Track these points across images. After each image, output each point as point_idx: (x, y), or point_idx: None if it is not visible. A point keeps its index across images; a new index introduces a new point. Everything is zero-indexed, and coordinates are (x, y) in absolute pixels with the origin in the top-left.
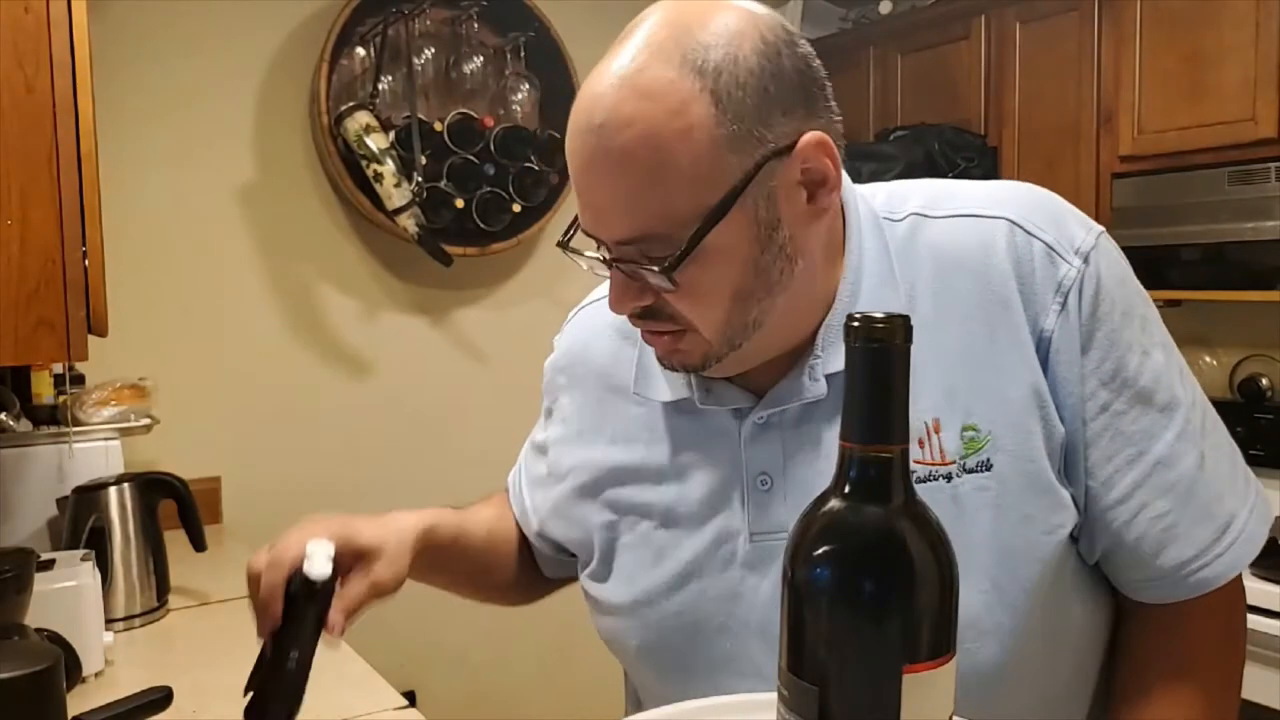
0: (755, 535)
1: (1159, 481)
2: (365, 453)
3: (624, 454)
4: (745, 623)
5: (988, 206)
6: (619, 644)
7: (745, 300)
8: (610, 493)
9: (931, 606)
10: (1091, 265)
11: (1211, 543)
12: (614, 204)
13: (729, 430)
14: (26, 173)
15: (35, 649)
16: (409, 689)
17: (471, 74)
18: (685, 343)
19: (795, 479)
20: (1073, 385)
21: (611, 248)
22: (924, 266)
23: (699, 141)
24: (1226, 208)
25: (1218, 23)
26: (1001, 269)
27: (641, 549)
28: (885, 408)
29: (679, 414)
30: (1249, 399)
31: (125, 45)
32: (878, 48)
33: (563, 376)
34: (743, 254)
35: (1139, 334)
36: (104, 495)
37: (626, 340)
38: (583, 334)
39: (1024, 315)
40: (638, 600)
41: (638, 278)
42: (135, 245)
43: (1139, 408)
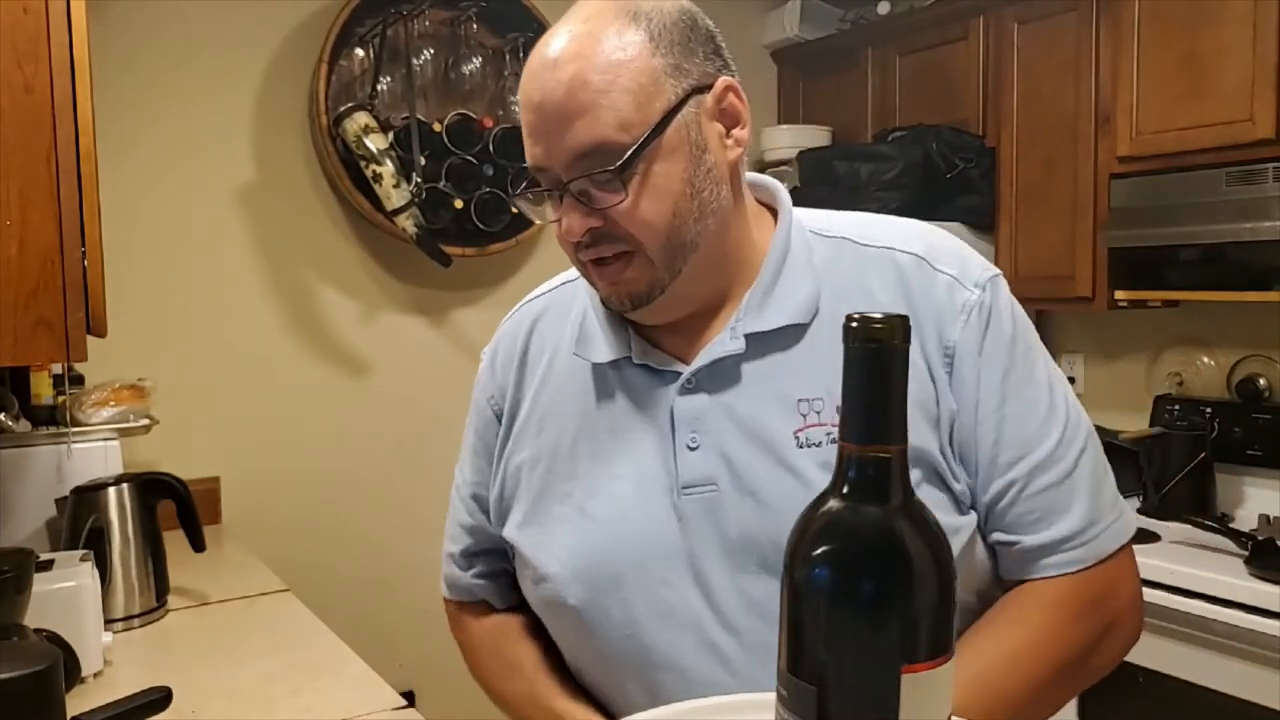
0: (685, 488)
1: (1032, 484)
2: (364, 453)
3: (564, 420)
4: (682, 574)
5: (905, 244)
6: (558, 604)
7: (684, 218)
8: (550, 456)
9: (930, 606)
10: (988, 293)
11: (1068, 536)
12: (569, 121)
13: (660, 394)
14: (26, 173)
15: (34, 649)
16: (409, 689)
17: (470, 75)
18: (633, 269)
19: (720, 438)
20: (970, 387)
21: (564, 173)
22: (844, 277)
23: (639, 64)
24: (1225, 208)
25: (1216, 23)
26: (915, 293)
27: (578, 506)
28: (883, 408)
29: (615, 375)
30: (1247, 399)
31: (125, 45)
32: (876, 48)
33: (511, 370)
34: (679, 170)
35: (1025, 356)
36: (103, 496)
37: (568, 317)
38: (522, 320)
39: (932, 329)
40: (576, 556)
41: (588, 201)
42: (134, 246)
43: (1021, 418)
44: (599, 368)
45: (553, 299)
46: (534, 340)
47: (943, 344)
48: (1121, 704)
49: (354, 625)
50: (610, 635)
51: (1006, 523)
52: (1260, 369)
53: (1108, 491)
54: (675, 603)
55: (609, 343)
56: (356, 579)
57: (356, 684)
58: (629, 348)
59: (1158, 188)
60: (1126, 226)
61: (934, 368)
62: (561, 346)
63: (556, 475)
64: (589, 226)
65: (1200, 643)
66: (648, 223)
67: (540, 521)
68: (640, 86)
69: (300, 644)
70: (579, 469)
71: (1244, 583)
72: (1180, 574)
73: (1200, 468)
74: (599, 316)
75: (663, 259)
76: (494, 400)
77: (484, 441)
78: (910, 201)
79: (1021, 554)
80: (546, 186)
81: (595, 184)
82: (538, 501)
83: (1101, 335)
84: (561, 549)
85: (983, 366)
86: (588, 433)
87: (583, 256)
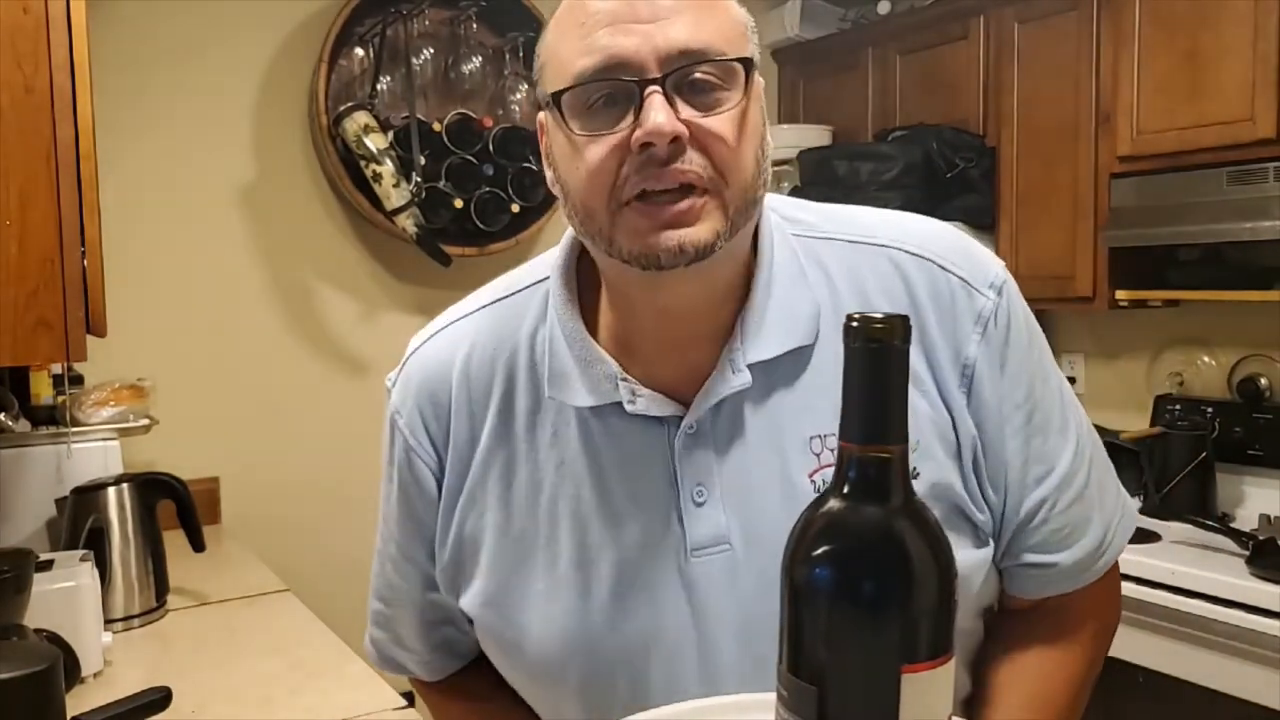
0: (695, 550)
1: (1061, 500)
2: (364, 453)
3: (537, 473)
4: (689, 652)
5: (904, 242)
6: (555, 687)
7: (758, 172)
8: (522, 517)
9: (930, 607)
10: (1004, 297)
11: (1097, 546)
12: (681, 12)
13: (658, 442)
14: (25, 173)
15: (34, 649)
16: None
17: (470, 74)
18: (703, 207)
19: (730, 486)
20: (993, 407)
21: (660, 66)
22: (844, 283)
23: (737, 9)
24: (1225, 208)
25: (1217, 23)
26: (922, 302)
27: (565, 578)
28: (884, 408)
29: (597, 421)
30: (1247, 399)
31: (124, 45)
32: (876, 48)
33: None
34: (758, 123)
35: (1039, 362)
36: (103, 496)
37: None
38: (449, 352)
39: (946, 344)
40: (572, 640)
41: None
42: (134, 245)
43: (1045, 429)
44: (578, 412)
45: (481, 323)
46: (471, 376)
47: (960, 360)
48: (1121, 704)
49: (354, 625)
50: (612, 710)
51: (1037, 542)
52: (1261, 369)
53: (1111, 487)
54: (686, 675)
55: (589, 382)
56: (356, 578)
57: (356, 684)
58: (615, 390)
59: (1158, 187)
60: (1127, 226)
61: (947, 389)
62: (518, 381)
63: (533, 539)
64: (678, 131)
65: (1201, 643)
66: (740, 151)
67: (518, 597)
68: (741, 24)
69: (300, 644)
70: (561, 532)
71: (1245, 583)
72: (1181, 574)
73: (1201, 467)
74: (572, 349)
75: (735, 208)
76: (422, 453)
77: (412, 507)
78: (911, 201)
79: (1059, 573)
80: (625, 86)
81: (704, 87)
82: (512, 572)
83: (1102, 335)
84: (553, 628)
85: (1005, 384)
86: (570, 489)
87: (645, 178)
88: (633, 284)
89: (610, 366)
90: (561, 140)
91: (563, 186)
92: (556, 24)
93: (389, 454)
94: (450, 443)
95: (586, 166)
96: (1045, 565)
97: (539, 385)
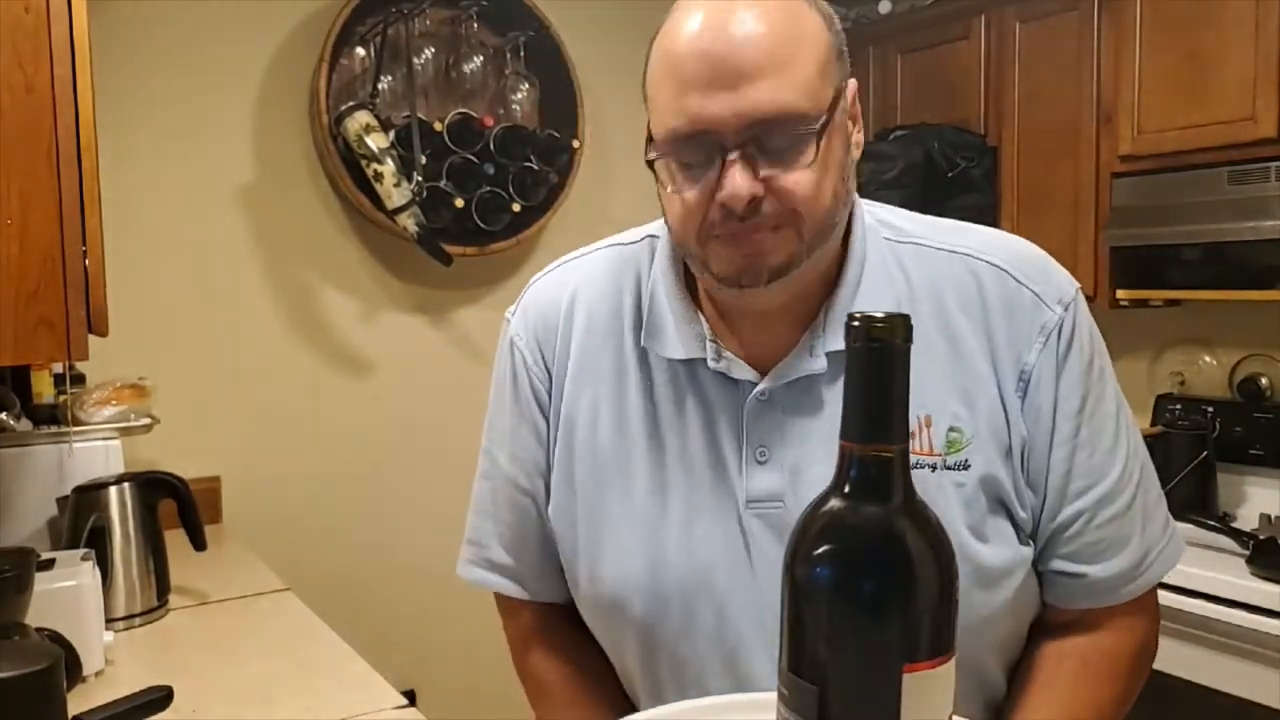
0: (751, 503)
1: (1099, 515)
2: (365, 452)
3: (623, 413)
4: (746, 592)
5: (985, 253)
6: (619, 616)
7: (839, 199)
8: (609, 450)
9: (931, 606)
10: (1070, 313)
11: (1133, 566)
12: (755, 79)
13: (732, 401)
14: (26, 172)
15: (35, 648)
16: (409, 689)
17: (471, 74)
18: (779, 240)
19: (790, 454)
20: (1045, 414)
21: (735, 135)
22: (921, 284)
23: (823, 40)
24: (1226, 207)
25: (1218, 22)
26: (993, 307)
27: (639, 510)
28: (885, 407)
29: (686, 375)
30: (1249, 399)
31: (125, 45)
32: (877, 47)
33: (554, 337)
34: (840, 151)
35: (1099, 381)
36: (104, 495)
37: (621, 292)
38: (560, 289)
39: (1009, 349)
40: (637, 565)
41: (769, 161)
42: (135, 245)
43: (1092, 445)
44: (670, 364)
45: (593, 266)
46: (578, 311)
47: (1019, 365)
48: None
49: (354, 625)
50: (665, 647)
51: (1071, 551)
52: (1262, 368)
53: (1160, 516)
54: (736, 619)
55: (682, 338)
56: (357, 578)
57: (357, 683)
58: (703, 348)
59: (1159, 187)
60: (1128, 226)
61: (1006, 391)
62: (622, 325)
63: (615, 473)
64: (754, 193)
65: (1201, 642)
66: (817, 195)
67: (598, 522)
68: (823, 61)
69: (300, 643)
70: (639, 469)
71: (1245, 582)
72: (1181, 573)
73: (1202, 467)
74: (670, 306)
75: (812, 235)
76: (538, 371)
77: (529, 420)
78: (911, 201)
79: (1087, 586)
80: (705, 147)
81: (782, 144)
82: (595, 498)
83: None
84: (623, 554)
85: (1060, 393)
86: (651, 425)
87: (726, 229)
88: (725, 294)
89: (702, 327)
90: (664, 173)
91: (665, 209)
92: (653, 71)
93: (509, 374)
94: (556, 365)
95: (680, 208)
96: (1076, 575)
97: (637, 332)
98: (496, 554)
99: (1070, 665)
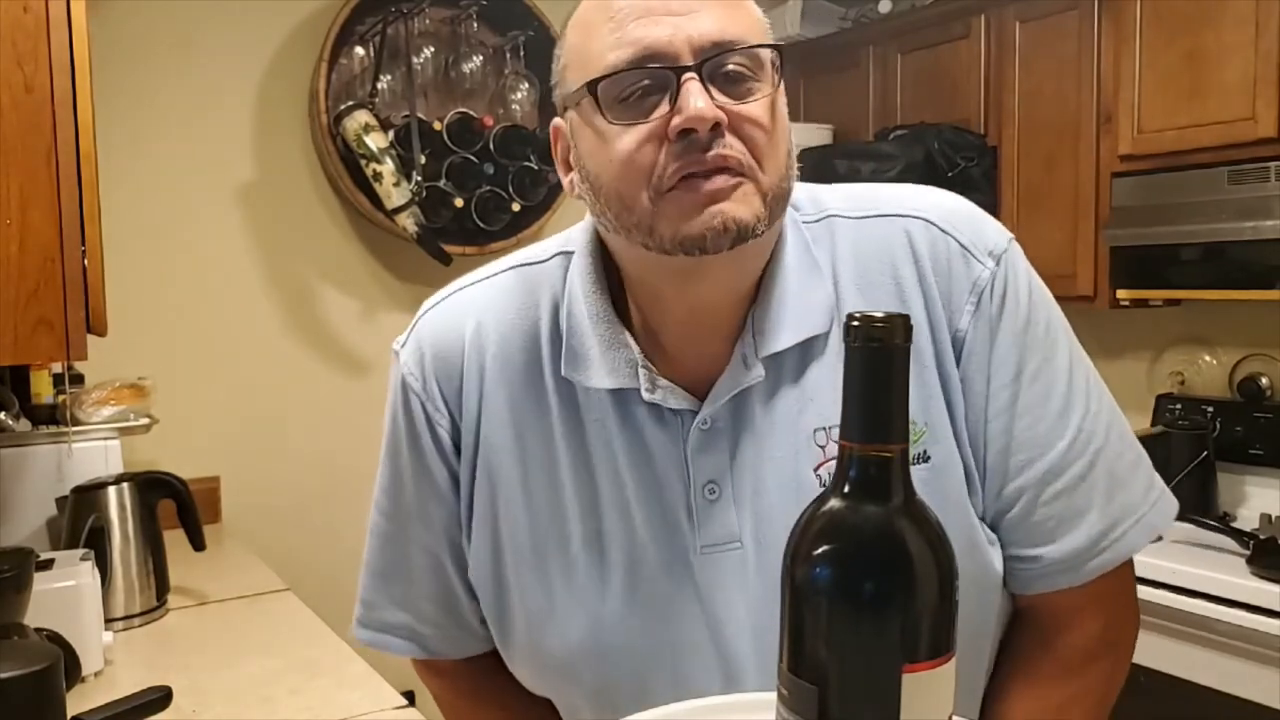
0: (705, 548)
1: (1046, 491)
2: (365, 452)
3: (547, 454)
4: (704, 647)
5: (904, 208)
6: (568, 682)
7: (790, 159)
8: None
9: (931, 606)
10: (1002, 267)
11: (1088, 544)
12: (707, 4)
13: (672, 436)
14: (26, 172)
15: (34, 648)
16: (409, 689)
17: (471, 73)
18: (740, 192)
19: (742, 484)
20: (979, 384)
21: (695, 56)
22: (846, 262)
23: (755, 7)
24: (1226, 207)
25: (1218, 22)
26: (921, 265)
27: (576, 566)
28: (885, 407)
29: (616, 407)
30: (1249, 399)
31: (125, 44)
32: (877, 47)
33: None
34: (786, 114)
35: (1043, 340)
36: (103, 495)
37: (535, 318)
38: (459, 320)
39: (941, 313)
40: (581, 631)
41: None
42: (134, 245)
43: (1032, 413)
44: (595, 394)
45: (497, 291)
46: (486, 344)
47: (953, 332)
48: (1122, 704)
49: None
50: (619, 706)
51: (1022, 535)
52: (1262, 368)
53: (1137, 484)
54: (695, 673)
55: (608, 364)
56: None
57: (357, 683)
58: (634, 376)
59: (1159, 186)
60: (1128, 225)
61: (945, 366)
62: (539, 357)
63: (546, 527)
64: (718, 117)
65: (1202, 642)
66: (774, 144)
67: (528, 585)
68: (763, 23)
69: (300, 643)
70: (571, 521)
71: (1246, 582)
72: (1182, 573)
73: (1202, 467)
74: (594, 329)
75: (772, 193)
76: (437, 416)
77: (429, 471)
78: None
79: (1044, 569)
80: (653, 77)
81: (737, 75)
82: (524, 557)
83: (1103, 334)
84: (563, 621)
85: (994, 361)
86: (581, 478)
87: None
88: (667, 279)
89: (632, 352)
90: (590, 136)
91: (592, 183)
92: (578, 25)
93: (402, 420)
94: (465, 408)
95: (622, 155)
96: (1030, 559)
97: (556, 361)
98: (391, 615)
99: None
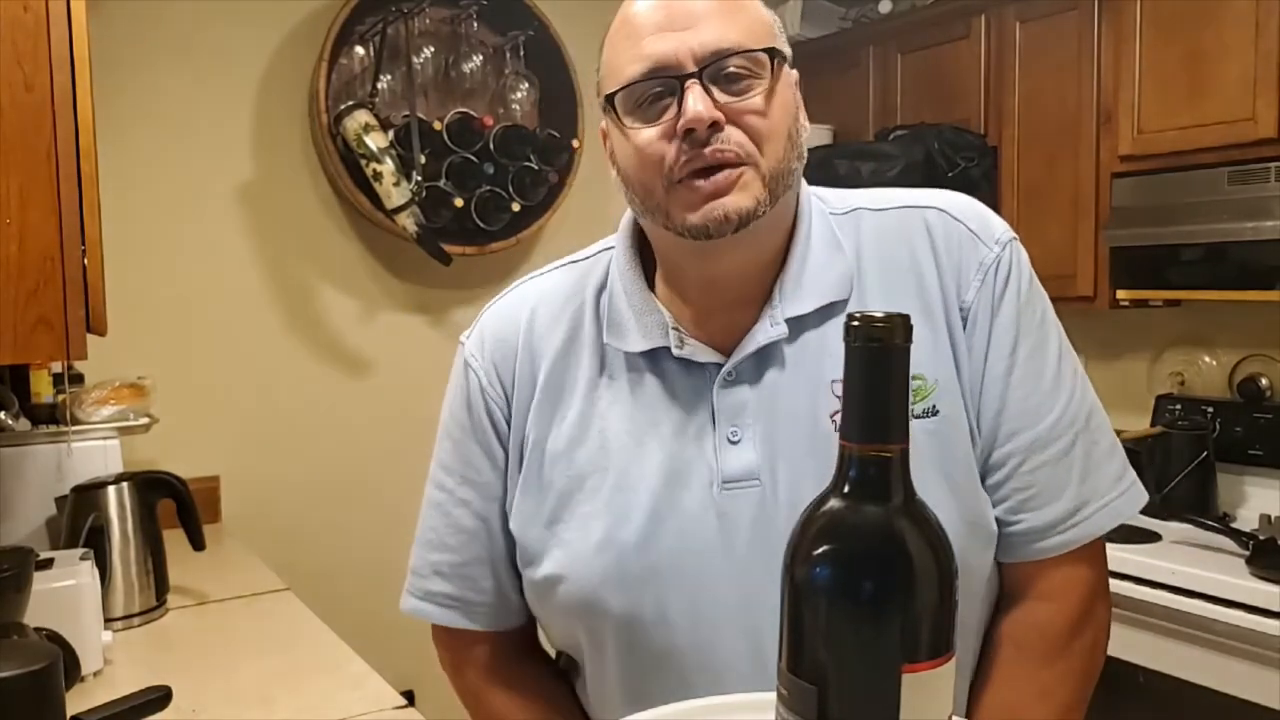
0: (727, 483)
1: (1031, 460)
2: (364, 452)
3: (590, 411)
4: (722, 573)
5: (922, 201)
6: (583, 607)
7: (792, 148)
8: (576, 448)
9: (931, 606)
10: (1007, 252)
11: (1062, 518)
12: (711, 17)
13: (699, 386)
14: (25, 171)
15: (34, 648)
16: (409, 689)
17: (471, 73)
18: (742, 180)
19: (762, 427)
20: (979, 351)
21: (694, 64)
22: (869, 243)
23: (762, 9)
24: (1226, 207)
25: (1218, 22)
26: (935, 243)
27: (608, 501)
28: (884, 407)
29: (650, 366)
30: (1248, 399)
31: (124, 44)
32: (878, 47)
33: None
34: (790, 104)
35: (1039, 327)
36: (103, 494)
37: (581, 303)
38: (517, 310)
39: (952, 287)
40: (607, 553)
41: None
42: (134, 244)
43: (1025, 387)
44: (631, 358)
45: (551, 284)
46: (539, 329)
47: (959, 303)
48: (1122, 704)
49: (354, 624)
50: (640, 638)
51: (1002, 496)
52: (1262, 368)
53: (1110, 470)
54: (712, 604)
55: (643, 331)
56: (357, 578)
57: (356, 683)
58: (665, 338)
59: (1159, 187)
60: (1128, 226)
61: (955, 333)
62: (583, 331)
63: (582, 468)
64: (714, 116)
65: (1201, 643)
66: (772, 129)
67: (566, 519)
68: (767, 23)
69: (300, 643)
70: (610, 463)
71: (1245, 583)
72: (1181, 574)
73: (1201, 467)
74: (629, 302)
75: (772, 179)
76: (493, 393)
77: (484, 444)
78: None
79: (1021, 535)
80: (662, 84)
81: (735, 76)
82: (563, 497)
83: (1103, 334)
84: (591, 546)
85: (995, 331)
86: (617, 423)
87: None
88: (686, 255)
89: (663, 316)
90: (619, 136)
91: (623, 174)
92: (610, 41)
93: (462, 398)
94: (515, 383)
95: (640, 150)
96: (1008, 523)
97: (599, 334)
98: (437, 584)
99: (1007, 650)
